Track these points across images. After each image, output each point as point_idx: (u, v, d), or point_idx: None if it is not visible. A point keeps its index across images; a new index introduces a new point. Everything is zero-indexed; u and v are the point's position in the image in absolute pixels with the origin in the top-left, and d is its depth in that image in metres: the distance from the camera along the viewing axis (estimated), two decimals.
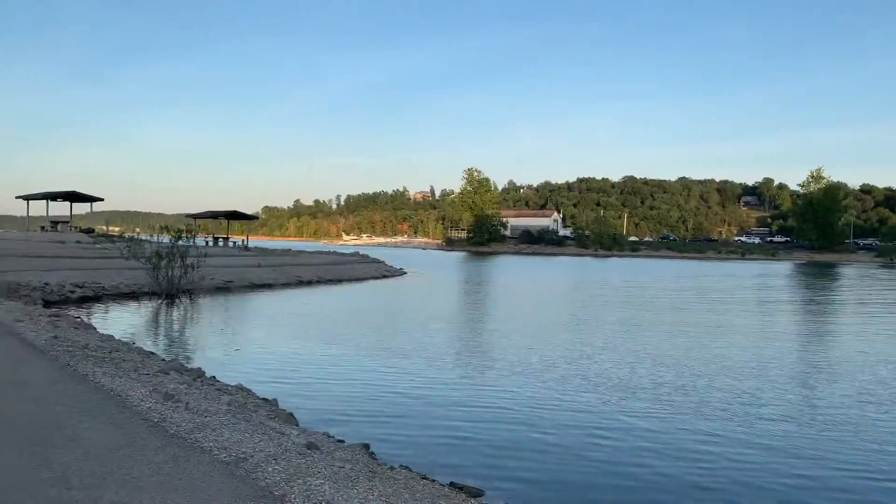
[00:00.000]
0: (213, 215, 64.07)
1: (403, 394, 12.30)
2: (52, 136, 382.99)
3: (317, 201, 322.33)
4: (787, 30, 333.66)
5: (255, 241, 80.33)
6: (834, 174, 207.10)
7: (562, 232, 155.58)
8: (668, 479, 8.15)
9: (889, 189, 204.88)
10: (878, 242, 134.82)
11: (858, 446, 9.50)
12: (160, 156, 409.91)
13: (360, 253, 67.04)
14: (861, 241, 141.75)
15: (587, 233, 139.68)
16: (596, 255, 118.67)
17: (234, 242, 59.70)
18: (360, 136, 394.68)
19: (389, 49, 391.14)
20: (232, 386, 11.17)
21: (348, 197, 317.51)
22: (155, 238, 31.40)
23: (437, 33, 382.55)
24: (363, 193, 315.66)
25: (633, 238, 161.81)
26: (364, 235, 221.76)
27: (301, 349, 16.92)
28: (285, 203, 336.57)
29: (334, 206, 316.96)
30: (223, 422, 7.58)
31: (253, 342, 17.90)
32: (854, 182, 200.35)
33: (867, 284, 52.71)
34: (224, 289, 31.77)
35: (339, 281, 40.72)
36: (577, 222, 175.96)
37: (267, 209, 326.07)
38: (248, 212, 71.98)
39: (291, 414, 9.90)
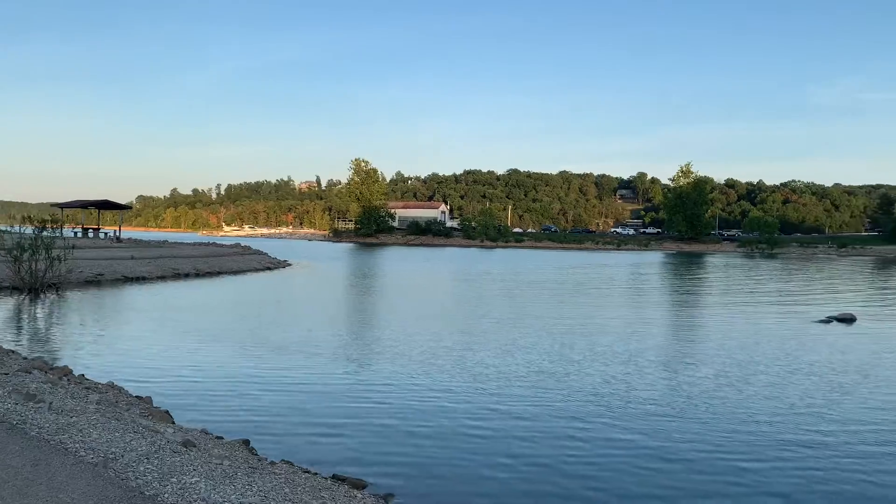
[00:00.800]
0: (83, 205, 60.84)
1: (285, 388, 12.13)
2: None
3: (195, 190, 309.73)
4: (660, 31, 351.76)
5: (128, 232, 76.72)
6: (701, 169, 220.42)
7: (449, 223, 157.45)
8: (541, 467, 8.47)
9: (750, 183, 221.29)
10: (740, 233, 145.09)
11: (715, 428, 10.21)
12: (23, 141, 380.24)
13: (242, 244, 65.20)
14: (725, 232, 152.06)
15: (474, 224, 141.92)
16: (482, 246, 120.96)
17: (106, 234, 56.99)
18: (243, 124, 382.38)
19: (273, 35, 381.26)
20: (102, 384, 10.65)
21: (229, 186, 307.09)
22: (16, 228, 29.29)
23: (324, 21, 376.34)
24: (245, 183, 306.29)
25: (517, 229, 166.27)
26: (246, 226, 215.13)
27: (177, 345, 16.30)
28: (161, 192, 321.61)
29: (214, 196, 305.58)
30: (91, 421, 7.23)
31: (125, 338, 17.07)
32: (719, 177, 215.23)
33: (730, 273, 56.55)
34: (94, 282, 30.09)
35: (219, 273, 39.46)
36: (464, 214, 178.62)
37: (141, 198, 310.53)
38: (121, 201, 68.48)
39: (167, 411, 9.57)
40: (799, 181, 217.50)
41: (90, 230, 56.23)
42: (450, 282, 42.28)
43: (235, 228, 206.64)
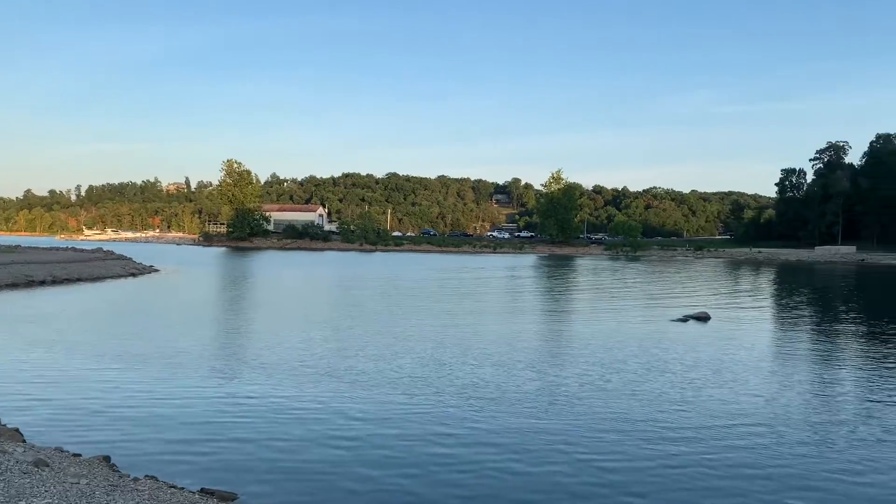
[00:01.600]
0: None
1: (148, 401, 11.63)
2: None
3: (52, 192, 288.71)
4: (533, 41, 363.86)
5: None
6: (571, 176, 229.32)
7: (327, 227, 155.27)
8: (410, 475, 8.59)
9: (616, 190, 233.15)
10: (606, 237, 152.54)
11: (577, 429, 10.70)
12: None
13: (105, 249, 61.59)
14: (593, 236, 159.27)
15: (353, 228, 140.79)
16: (361, 250, 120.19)
17: None
18: (104, 121, 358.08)
19: (137, 28, 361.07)
20: None
21: (90, 187, 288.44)
22: None
23: (192, 15, 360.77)
24: (108, 184, 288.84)
25: (396, 233, 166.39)
26: (109, 230, 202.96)
27: (28, 358, 15.23)
28: (13, 193, 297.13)
29: (74, 198, 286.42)
30: None
31: None
32: (588, 183, 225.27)
33: (598, 276, 59.22)
34: None
35: (78, 280, 37.08)
36: (343, 217, 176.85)
37: None
38: None
39: (17, 429, 8.97)
40: (660, 188, 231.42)
41: None
42: (326, 287, 41.78)
43: (97, 232, 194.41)
